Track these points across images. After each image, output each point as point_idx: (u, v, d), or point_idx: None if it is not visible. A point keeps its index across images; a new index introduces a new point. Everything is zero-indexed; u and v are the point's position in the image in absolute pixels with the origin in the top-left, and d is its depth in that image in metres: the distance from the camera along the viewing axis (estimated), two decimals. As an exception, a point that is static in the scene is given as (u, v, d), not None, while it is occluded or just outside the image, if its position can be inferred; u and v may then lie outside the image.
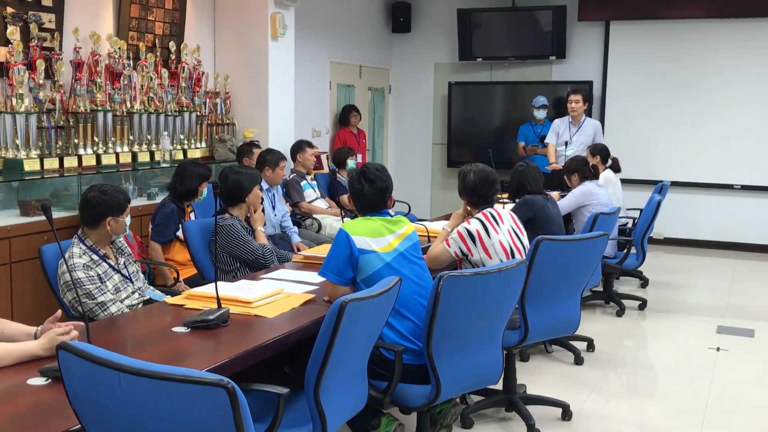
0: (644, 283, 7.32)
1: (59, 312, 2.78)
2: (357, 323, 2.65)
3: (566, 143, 7.78)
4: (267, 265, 4.28)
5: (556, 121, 8.04)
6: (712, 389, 4.66)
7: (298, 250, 5.33)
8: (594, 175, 6.27)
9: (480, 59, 10.05)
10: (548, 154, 7.93)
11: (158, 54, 6.26)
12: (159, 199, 5.40)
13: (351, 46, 9.52)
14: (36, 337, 2.66)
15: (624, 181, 7.49)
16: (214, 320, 2.91)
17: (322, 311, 2.95)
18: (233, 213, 4.47)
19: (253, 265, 4.31)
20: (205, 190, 5.07)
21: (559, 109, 8.95)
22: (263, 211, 5.59)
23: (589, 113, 9.10)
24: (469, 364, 3.24)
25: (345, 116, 8.99)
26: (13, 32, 4.91)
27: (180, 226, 4.78)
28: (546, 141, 8.10)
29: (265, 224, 4.80)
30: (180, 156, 6.13)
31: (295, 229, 5.91)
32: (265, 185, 5.71)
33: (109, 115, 5.56)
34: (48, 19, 5.29)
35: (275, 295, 3.35)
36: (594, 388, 4.67)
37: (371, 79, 10.12)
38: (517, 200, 5.20)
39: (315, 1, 7.98)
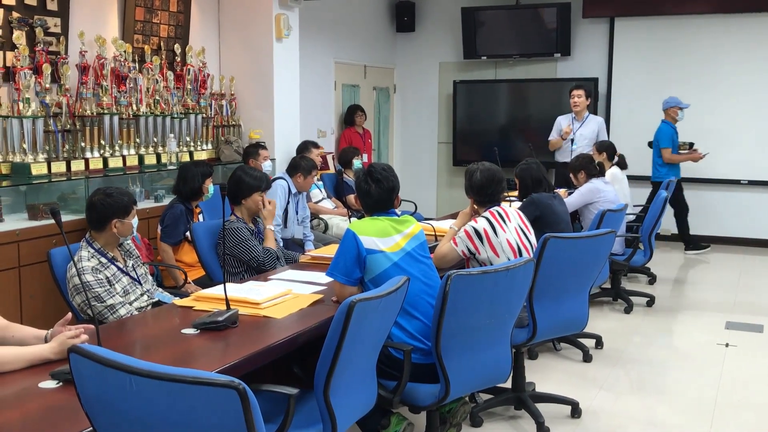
0: (652, 279, 7.31)
1: (69, 315, 2.79)
2: (365, 323, 2.66)
3: (572, 140, 7.80)
4: (268, 270, 4.27)
5: (560, 118, 8.08)
6: (721, 385, 4.65)
7: None
8: (600, 172, 6.27)
9: (485, 57, 10.04)
10: (556, 146, 7.97)
11: (163, 56, 6.27)
12: (166, 201, 5.42)
13: (355, 46, 9.52)
14: (46, 341, 2.67)
15: (630, 178, 7.48)
16: (223, 321, 2.92)
17: (331, 311, 2.95)
18: (238, 215, 4.48)
19: (256, 270, 4.31)
20: (210, 187, 5.08)
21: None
22: (286, 212, 5.64)
23: (594, 110, 9.11)
24: (477, 362, 3.24)
25: (350, 116, 9.01)
26: (19, 37, 4.93)
27: (189, 227, 4.80)
28: (549, 138, 8.12)
29: (285, 226, 4.80)
30: (186, 158, 6.15)
31: (312, 236, 5.93)
32: (293, 189, 5.75)
33: (116, 118, 5.58)
34: (53, 24, 5.31)
35: (284, 296, 3.35)
36: (603, 386, 4.67)
37: (376, 78, 10.12)
38: (524, 199, 5.20)
39: (319, 2, 7.98)
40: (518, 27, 9.84)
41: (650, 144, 8.55)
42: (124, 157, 5.62)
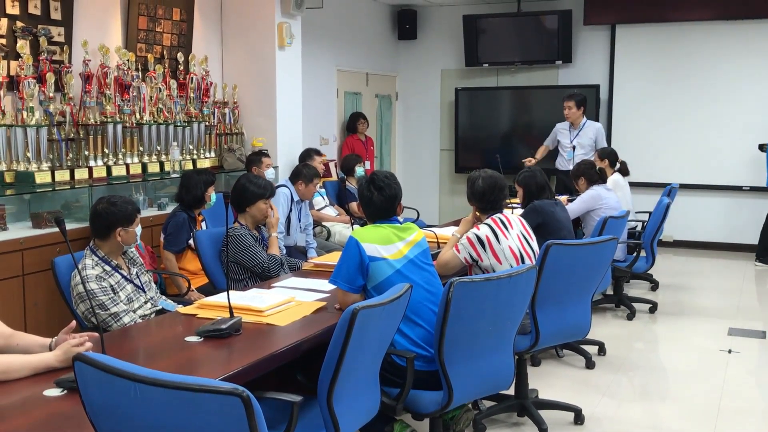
0: (654, 286, 7.31)
1: (73, 323, 2.79)
2: (368, 330, 2.66)
3: (573, 147, 7.80)
4: (273, 277, 4.29)
5: (558, 125, 8.09)
6: (724, 391, 4.65)
7: None
8: (600, 178, 6.26)
9: (486, 65, 10.07)
10: (540, 153, 8.01)
11: (166, 65, 6.30)
12: (169, 209, 5.44)
13: (357, 53, 9.55)
14: (51, 349, 2.68)
15: (632, 185, 7.49)
16: (227, 329, 2.93)
17: (334, 319, 2.96)
18: (242, 222, 4.49)
19: (261, 277, 4.33)
20: (213, 195, 5.10)
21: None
22: (289, 219, 5.66)
23: (596, 117, 9.13)
24: (480, 369, 3.25)
25: (352, 124, 9.03)
26: (22, 46, 4.96)
27: (191, 234, 4.81)
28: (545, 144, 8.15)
29: (288, 233, 4.82)
30: (189, 166, 6.17)
31: (314, 244, 5.94)
32: (295, 197, 5.77)
33: (119, 127, 5.60)
34: (57, 33, 5.34)
35: (287, 304, 3.37)
36: (606, 392, 4.67)
37: (378, 86, 10.15)
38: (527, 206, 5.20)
39: (321, 10, 8.02)
40: (520, 34, 9.86)
41: (761, 147, 8.50)
42: (127, 166, 5.64)
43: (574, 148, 7.76)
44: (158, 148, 6.02)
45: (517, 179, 5.25)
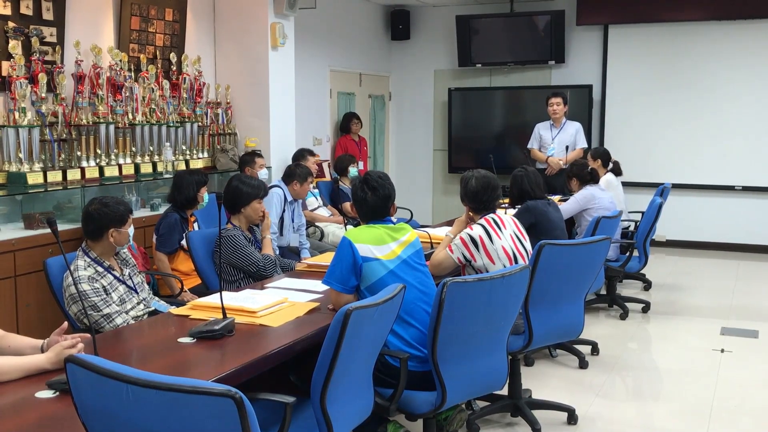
0: (647, 285, 7.32)
1: (65, 324, 2.78)
2: (362, 331, 2.66)
3: (566, 147, 7.78)
4: (268, 276, 4.29)
5: (538, 126, 8.10)
6: (717, 391, 4.66)
7: None
8: (592, 178, 6.27)
9: (479, 65, 10.07)
10: (537, 159, 7.98)
11: (159, 65, 6.29)
12: (162, 210, 5.42)
13: (351, 54, 9.55)
14: (43, 351, 2.67)
15: (625, 184, 7.50)
16: (220, 330, 2.92)
17: (327, 319, 2.95)
18: (234, 223, 4.49)
19: (255, 277, 4.32)
20: (205, 195, 5.09)
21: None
22: (282, 220, 5.66)
23: (589, 117, 9.16)
24: (474, 369, 3.25)
25: (346, 124, 9.02)
26: (14, 46, 4.94)
27: (184, 235, 4.80)
28: (528, 147, 8.12)
29: (281, 234, 4.82)
30: (182, 167, 6.16)
31: (308, 244, 5.94)
32: (288, 197, 5.77)
33: (111, 127, 5.59)
34: (49, 33, 5.32)
35: (280, 304, 3.36)
36: (599, 392, 4.68)
37: (371, 86, 10.15)
38: (518, 206, 5.20)
39: (314, 11, 8.01)
40: (513, 35, 9.87)
41: None
42: (120, 166, 5.63)
43: (566, 148, 7.75)
44: (151, 148, 6.02)
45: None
